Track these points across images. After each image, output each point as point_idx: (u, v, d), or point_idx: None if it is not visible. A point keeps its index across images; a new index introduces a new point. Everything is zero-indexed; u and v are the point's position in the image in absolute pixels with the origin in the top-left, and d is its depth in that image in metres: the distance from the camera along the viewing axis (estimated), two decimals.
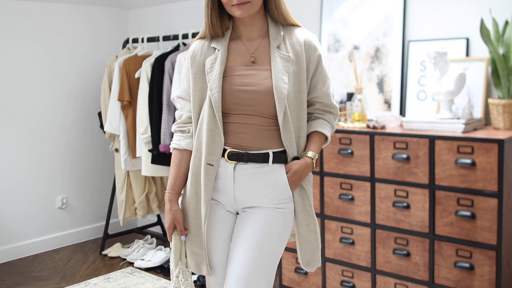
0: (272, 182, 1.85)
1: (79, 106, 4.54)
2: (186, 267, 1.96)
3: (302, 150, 1.92)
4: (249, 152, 1.84)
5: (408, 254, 2.75)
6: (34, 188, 4.30)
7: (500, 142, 2.44)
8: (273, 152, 1.85)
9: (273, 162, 1.85)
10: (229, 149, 1.85)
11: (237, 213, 1.95)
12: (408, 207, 2.72)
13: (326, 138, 1.97)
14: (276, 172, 1.85)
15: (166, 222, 1.93)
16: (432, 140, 2.62)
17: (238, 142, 1.85)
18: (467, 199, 2.54)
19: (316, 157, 1.90)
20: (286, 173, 1.86)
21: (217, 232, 1.91)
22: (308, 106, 1.95)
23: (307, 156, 1.89)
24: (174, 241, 1.94)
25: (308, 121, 1.96)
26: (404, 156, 2.70)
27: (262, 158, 1.84)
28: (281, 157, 1.86)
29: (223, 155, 1.86)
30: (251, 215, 1.88)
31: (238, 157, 1.84)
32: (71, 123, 4.50)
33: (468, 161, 2.51)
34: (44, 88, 4.32)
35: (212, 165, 1.85)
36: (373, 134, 2.82)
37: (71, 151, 4.52)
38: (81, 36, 4.53)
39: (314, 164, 1.90)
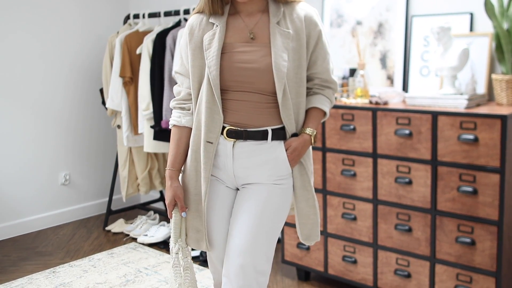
0: (272, 159, 1.86)
1: (81, 83, 4.53)
2: (186, 245, 1.96)
3: (301, 126, 1.92)
4: (248, 129, 1.85)
5: (409, 230, 2.76)
6: (37, 165, 4.31)
7: (503, 118, 2.43)
8: (272, 129, 1.86)
9: (272, 139, 1.86)
10: (228, 127, 1.85)
11: (237, 189, 1.96)
12: (410, 182, 2.73)
13: (325, 113, 1.98)
14: (276, 149, 1.86)
15: (167, 198, 1.93)
16: (434, 116, 2.62)
17: (237, 120, 1.85)
18: (469, 174, 2.54)
19: (315, 133, 1.91)
20: (286, 150, 1.87)
21: (217, 208, 1.93)
22: (307, 81, 1.95)
23: (306, 133, 1.90)
24: (174, 217, 1.94)
25: (307, 96, 1.96)
26: (407, 132, 2.70)
27: (261, 135, 1.85)
28: (280, 134, 1.87)
29: (222, 133, 1.86)
30: (250, 191, 1.89)
31: (237, 135, 1.85)
32: (72, 100, 4.50)
33: (471, 137, 2.50)
34: (45, 65, 4.31)
35: (212, 143, 1.85)
36: (376, 110, 2.82)
37: (73, 128, 4.52)
38: (82, 12, 4.50)
39: (313, 141, 1.91)
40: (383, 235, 2.87)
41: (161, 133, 3.78)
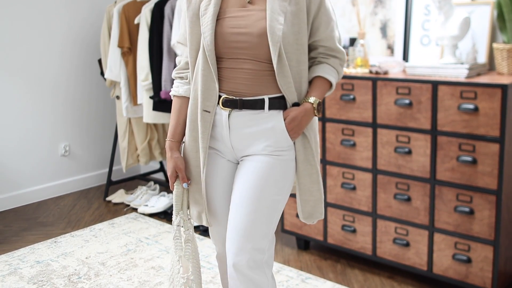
0: (269, 129, 1.78)
1: (79, 53, 4.50)
2: (188, 218, 1.94)
3: (304, 96, 1.82)
4: (244, 98, 1.77)
5: (408, 199, 2.78)
6: (36, 137, 4.31)
7: (503, 87, 2.42)
8: (269, 98, 1.78)
9: (270, 108, 1.77)
10: (223, 96, 1.79)
11: (238, 163, 1.90)
12: (409, 152, 2.73)
13: (331, 84, 1.86)
14: (273, 119, 1.78)
15: (168, 170, 1.89)
16: (435, 85, 2.61)
17: (232, 88, 1.79)
18: (468, 144, 2.54)
19: (318, 102, 1.80)
20: (284, 120, 1.78)
21: (217, 182, 1.89)
22: (311, 50, 1.86)
23: (308, 102, 1.79)
24: (176, 189, 1.91)
25: (311, 66, 1.87)
26: (407, 101, 2.69)
27: (257, 105, 1.77)
28: (279, 103, 1.78)
29: (218, 102, 1.80)
30: (248, 163, 1.82)
31: (232, 104, 1.78)
32: (71, 71, 4.47)
33: (471, 106, 2.50)
34: (43, 36, 4.27)
35: (209, 112, 1.80)
36: (376, 80, 2.81)
37: (72, 99, 4.50)
38: None
39: (316, 111, 1.80)
40: (382, 205, 2.88)
41: (161, 104, 3.77)
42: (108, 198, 4.33)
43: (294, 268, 3.07)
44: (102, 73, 4.23)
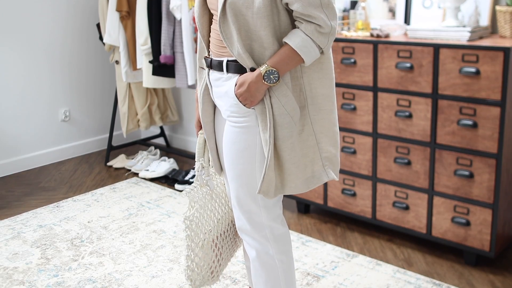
0: (225, 92, 1.77)
1: (77, 18, 4.45)
2: (208, 164, 2.04)
3: (263, 61, 1.69)
4: (213, 59, 1.80)
5: (409, 163, 2.78)
6: (36, 102, 4.30)
7: (505, 50, 2.40)
8: (227, 61, 1.74)
9: (228, 71, 1.75)
10: (205, 55, 1.88)
11: None
12: (410, 116, 2.73)
13: (298, 53, 1.67)
14: (229, 83, 1.75)
15: (195, 120, 2.05)
16: (436, 48, 2.59)
17: (211, 49, 1.83)
18: (469, 108, 2.54)
19: (267, 70, 1.65)
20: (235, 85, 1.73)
21: (219, 136, 1.97)
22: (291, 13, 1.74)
23: (258, 68, 1.68)
24: (199, 138, 2.03)
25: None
26: (408, 65, 2.67)
27: (220, 66, 1.77)
28: (236, 67, 1.72)
29: None
30: (223, 128, 1.89)
31: (206, 63, 1.85)
32: (69, 36, 4.43)
33: (473, 70, 2.48)
34: (41, 0, 4.23)
35: (204, 69, 1.91)
36: (377, 43, 2.78)
37: (71, 64, 4.47)
38: None
39: (265, 78, 1.66)
40: (382, 168, 2.89)
41: (160, 68, 3.75)
42: (109, 163, 4.34)
43: (295, 232, 3.10)
44: (100, 38, 4.19)
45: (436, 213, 2.74)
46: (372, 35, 2.89)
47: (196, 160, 2.03)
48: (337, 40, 2.92)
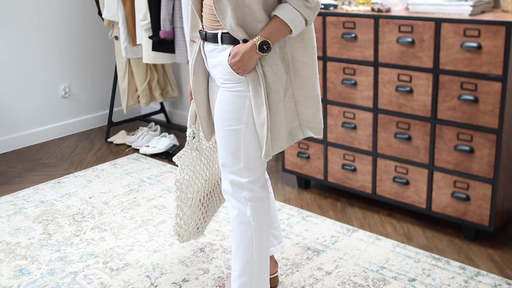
0: (219, 62, 1.90)
1: None
2: (199, 131, 2.19)
3: (255, 33, 1.82)
4: (207, 31, 1.90)
5: (409, 138, 2.78)
6: (36, 78, 4.28)
7: (508, 25, 2.38)
8: (222, 33, 1.86)
9: (222, 42, 1.87)
10: (199, 29, 1.96)
11: None
12: (411, 91, 2.72)
13: (288, 25, 1.80)
14: (223, 53, 1.87)
15: (188, 90, 2.17)
16: (438, 23, 2.57)
17: (204, 23, 1.92)
18: (471, 83, 2.53)
19: (261, 41, 1.78)
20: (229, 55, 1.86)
21: (212, 104, 2.07)
22: None
23: (252, 39, 1.80)
24: (191, 106, 2.16)
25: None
26: (409, 40, 2.66)
27: (214, 38, 1.88)
28: (230, 39, 1.85)
29: None
30: (216, 94, 1.99)
31: (201, 36, 1.94)
32: (68, 11, 4.39)
33: (474, 44, 2.47)
34: None
35: (195, 42, 1.99)
36: (378, 18, 2.76)
37: (70, 40, 4.45)
38: None
39: (258, 48, 1.78)
40: (383, 144, 2.90)
41: (160, 44, 3.73)
42: (109, 139, 4.35)
43: (295, 207, 3.11)
44: (99, 13, 4.16)
45: (436, 188, 2.75)
46: (373, 10, 2.86)
47: (188, 127, 2.20)
48: (337, 14, 2.90)
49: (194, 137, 2.21)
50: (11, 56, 4.12)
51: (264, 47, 1.79)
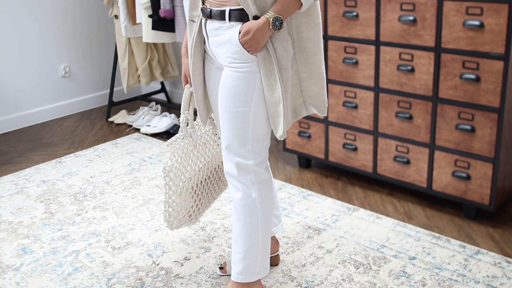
0: (227, 40, 1.84)
1: None
2: (193, 118, 2.16)
3: (267, 10, 1.80)
4: (213, 8, 1.85)
5: (410, 117, 2.78)
6: (36, 58, 4.27)
7: (510, 3, 2.36)
8: (230, 9, 1.81)
9: (230, 19, 1.81)
10: (201, 6, 1.91)
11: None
12: (412, 70, 2.71)
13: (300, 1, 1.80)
14: (232, 31, 1.82)
15: (182, 74, 2.12)
16: (440, 1, 2.54)
17: (207, 0, 1.88)
18: (472, 61, 2.52)
19: (274, 17, 1.75)
20: (240, 33, 1.81)
21: (210, 86, 2.04)
22: None
23: (264, 16, 1.77)
24: (185, 91, 2.12)
25: None
26: (411, 18, 2.64)
27: (221, 15, 1.83)
28: (239, 15, 1.80)
29: None
30: (221, 74, 1.95)
31: (205, 13, 1.88)
32: None
33: (476, 22, 2.45)
34: None
35: (194, 22, 1.94)
36: None
37: (70, 19, 4.42)
38: None
39: (271, 25, 1.75)
40: (384, 123, 2.89)
41: (160, 23, 3.71)
42: (110, 119, 4.34)
43: (296, 186, 3.12)
44: None
45: (436, 167, 2.75)
46: None
47: (181, 112, 2.15)
48: None
49: (188, 124, 2.17)
50: (11, 35, 4.10)
51: (277, 23, 1.76)
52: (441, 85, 2.64)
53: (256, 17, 1.78)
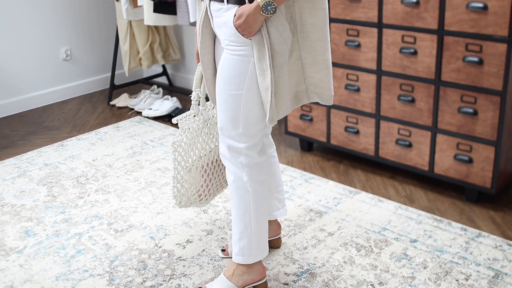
0: (224, 22, 1.85)
1: None
2: (205, 95, 2.17)
3: None
4: None
5: (412, 100, 2.77)
6: (37, 41, 4.25)
7: None
8: None
9: (229, 2, 1.81)
10: None
11: None
12: (415, 53, 2.69)
13: None
14: (228, 13, 1.82)
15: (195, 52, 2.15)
16: None
17: None
18: (476, 44, 2.50)
19: (265, 2, 1.72)
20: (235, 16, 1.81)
21: (218, 64, 2.01)
22: None
23: (256, 0, 1.75)
24: (197, 69, 2.12)
25: None
26: (414, 0, 2.62)
27: None
28: None
29: None
30: (220, 56, 1.95)
31: None
32: None
33: (480, 5, 2.43)
34: None
35: (202, 0, 1.94)
36: None
37: (70, 2, 4.39)
38: None
39: (262, 9, 1.73)
40: (386, 106, 2.88)
41: (161, 5, 3.68)
42: (112, 102, 4.34)
43: (298, 169, 3.12)
44: None
45: (438, 150, 2.75)
46: None
47: (193, 90, 2.16)
48: None
49: (199, 103, 2.18)
50: (12, 18, 4.08)
51: (269, 8, 1.74)
52: (444, 68, 2.63)
53: (251, 1, 1.77)
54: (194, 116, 2.18)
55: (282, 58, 1.82)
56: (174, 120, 2.14)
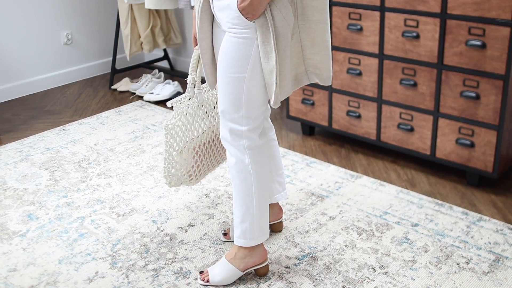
0: (227, 5, 1.84)
1: None
2: (200, 79, 2.17)
3: None
4: None
5: (415, 84, 2.76)
6: (37, 25, 4.23)
7: None
8: None
9: None
10: None
11: None
12: (417, 37, 2.68)
13: None
14: None
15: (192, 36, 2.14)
16: None
17: None
18: (479, 28, 2.49)
19: None
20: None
21: (217, 50, 2.02)
22: None
23: None
24: (194, 53, 2.13)
25: None
26: None
27: None
28: None
29: None
30: (221, 40, 1.95)
31: None
32: None
33: None
34: None
35: None
36: None
37: None
38: None
39: None
40: (388, 90, 2.88)
41: None
42: (113, 87, 4.33)
43: (299, 153, 3.13)
44: None
45: (440, 134, 2.75)
46: None
47: (189, 73, 2.18)
48: None
49: (195, 86, 2.18)
50: (12, 2, 4.06)
51: None
52: (446, 52, 2.61)
53: None
54: (189, 99, 2.19)
55: (285, 41, 1.83)
56: (168, 104, 2.15)
